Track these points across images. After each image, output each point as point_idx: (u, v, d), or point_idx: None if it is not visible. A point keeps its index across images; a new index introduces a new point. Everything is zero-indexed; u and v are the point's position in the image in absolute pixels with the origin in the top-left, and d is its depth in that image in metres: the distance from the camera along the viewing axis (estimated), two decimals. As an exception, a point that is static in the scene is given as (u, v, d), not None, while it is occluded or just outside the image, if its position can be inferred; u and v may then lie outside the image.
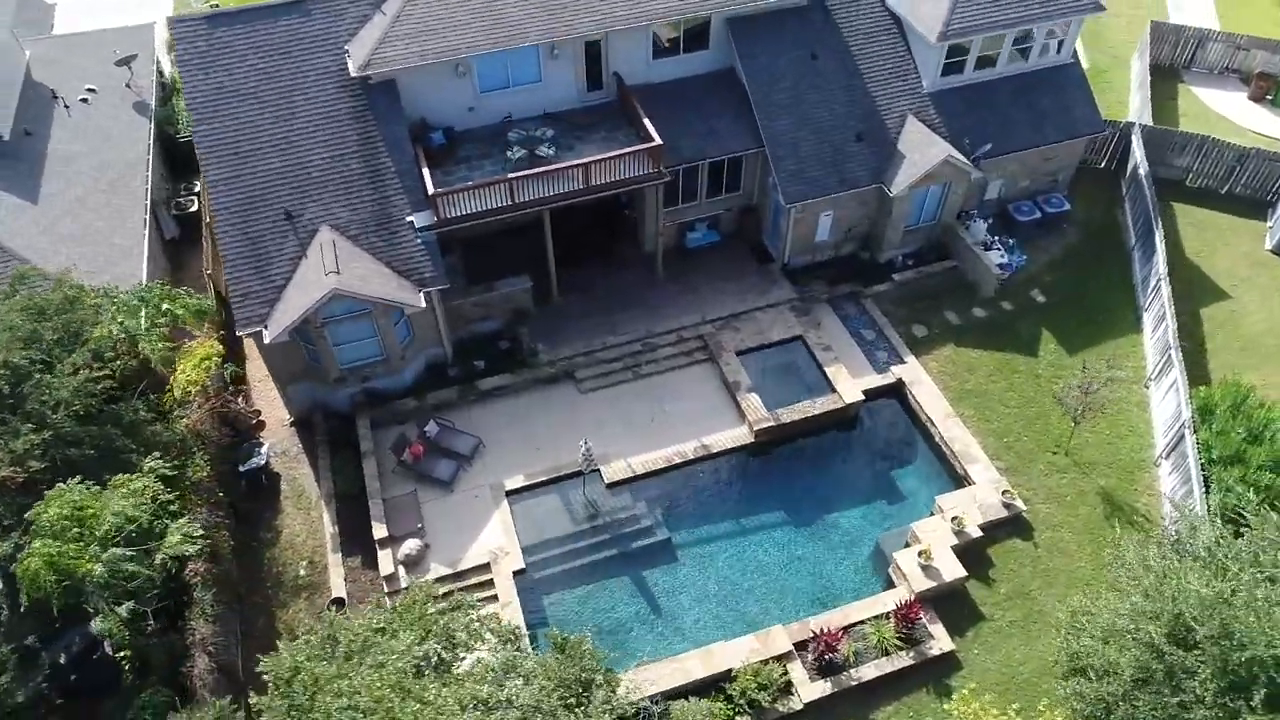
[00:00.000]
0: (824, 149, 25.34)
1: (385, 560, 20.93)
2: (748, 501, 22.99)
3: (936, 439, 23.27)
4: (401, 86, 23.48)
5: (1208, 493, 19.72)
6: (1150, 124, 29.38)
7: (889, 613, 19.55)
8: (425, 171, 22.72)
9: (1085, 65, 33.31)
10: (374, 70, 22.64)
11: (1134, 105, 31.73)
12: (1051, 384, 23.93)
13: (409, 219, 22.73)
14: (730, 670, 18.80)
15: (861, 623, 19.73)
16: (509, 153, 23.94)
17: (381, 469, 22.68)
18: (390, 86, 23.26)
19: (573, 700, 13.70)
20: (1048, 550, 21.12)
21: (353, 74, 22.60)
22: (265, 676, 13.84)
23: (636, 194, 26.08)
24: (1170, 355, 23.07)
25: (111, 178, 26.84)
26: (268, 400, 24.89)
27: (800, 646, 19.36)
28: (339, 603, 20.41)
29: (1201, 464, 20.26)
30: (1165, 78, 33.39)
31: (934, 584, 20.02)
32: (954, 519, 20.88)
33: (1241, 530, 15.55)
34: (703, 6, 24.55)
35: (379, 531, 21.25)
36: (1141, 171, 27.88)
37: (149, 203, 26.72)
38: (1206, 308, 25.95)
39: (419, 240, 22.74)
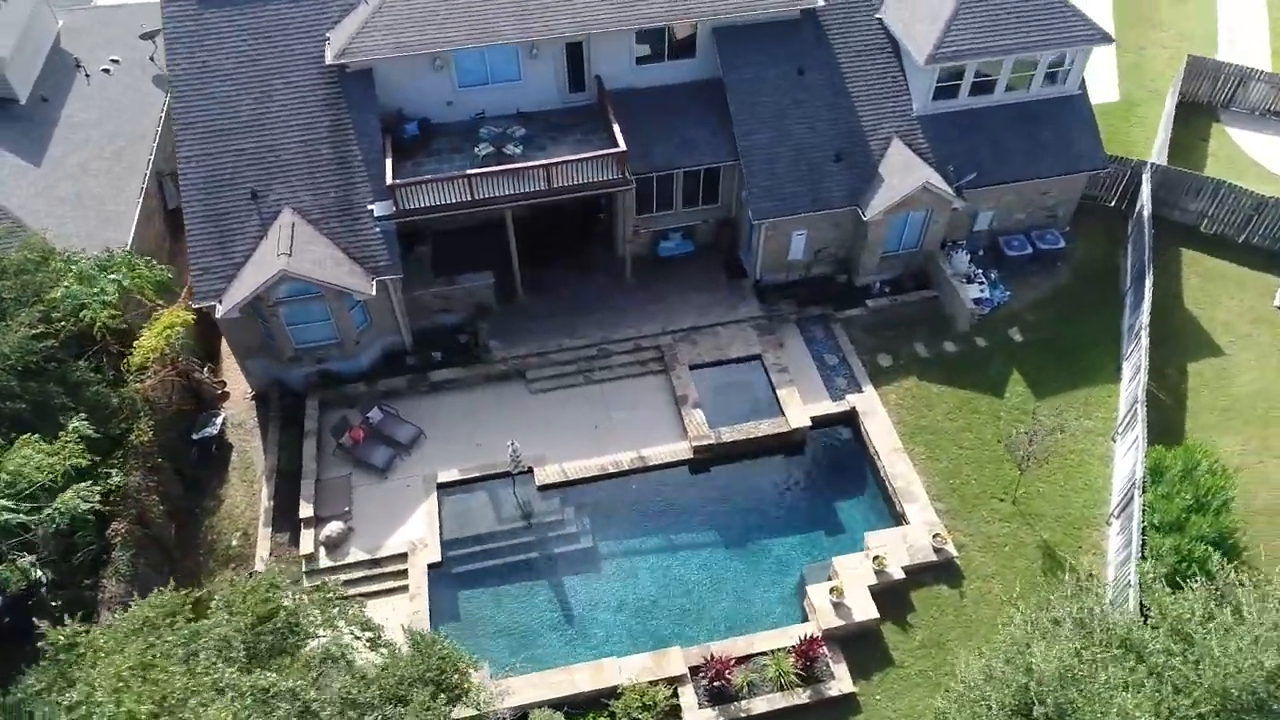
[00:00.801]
0: (800, 166, 24.79)
1: (307, 540, 21.37)
2: (680, 518, 22.68)
3: (881, 473, 22.57)
4: (379, 76, 23.86)
5: (1143, 559, 18.65)
6: (1165, 164, 27.84)
7: (792, 647, 19.05)
8: (388, 161, 23.04)
9: (1118, 98, 32.10)
10: (350, 59, 23.06)
11: (1157, 143, 30.13)
12: (1012, 427, 22.95)
13: (370, 207, 23.10)
14: (617, 687, 18.60)
15: (763, 654, 19.26)
16: (477, 149, 24.09)
17: (321, 450, 23.16)
18: (366, 76, 23.67)
19: (401, 697, 13.74)
20: (974, 601, 20.29)
21: (328, 61, 23.06)
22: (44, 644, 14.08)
23: (609, 198, 25.96)
24: (1136, 409, 21.87)
25: (117, 147, 27.95)
26: (238, 374, 25.60)
27: (695, 671, 19.04)
28: (253, 576, 20.86)
29: (1143, 528, 19.18)
30: (1200, 116, 31.62)
31: (843, 623, 19.44)
32: (875, 558, 20.22)
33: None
34: (686, 15, 24.26)
35: (305, 511, 21.70)
36: (1145, 213, 26.47)
37: (149, 172, 27.75)
38: (1196, 362, 24.51)
39: (378, 229, 23.09)
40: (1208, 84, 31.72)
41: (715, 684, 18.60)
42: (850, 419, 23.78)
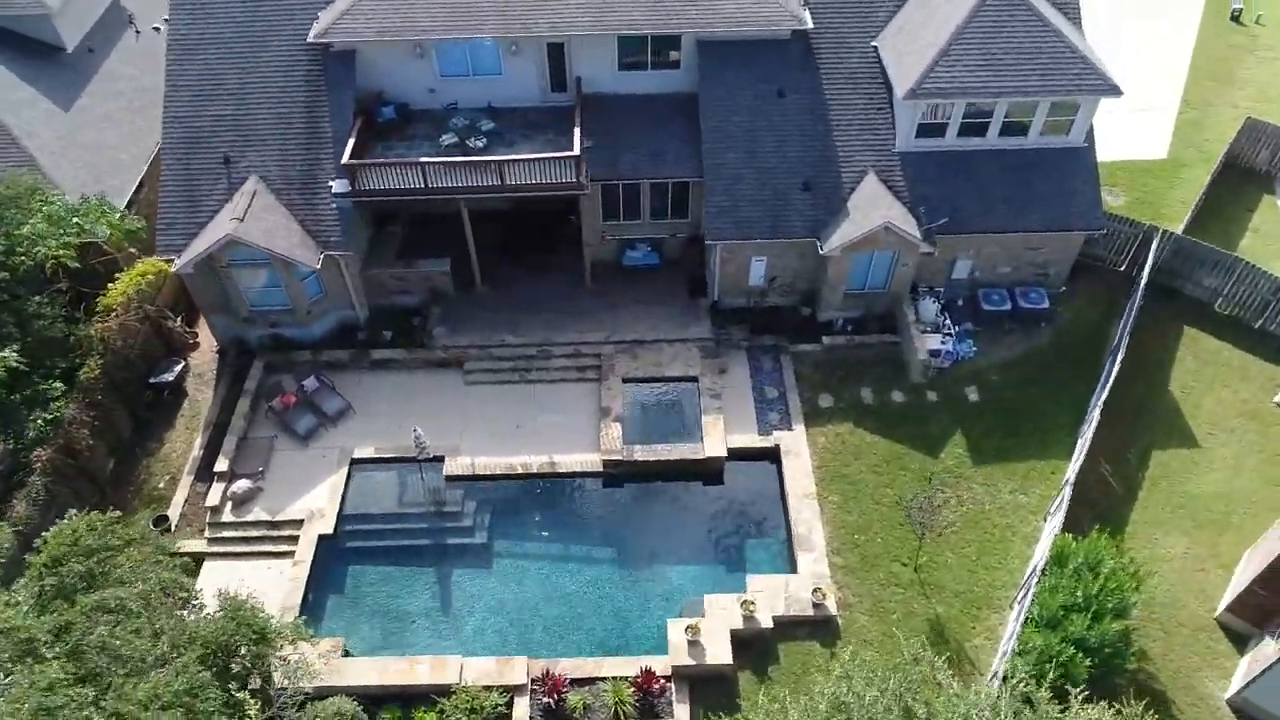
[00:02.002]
0: (765, 191, 24.07)
1: (215, 493, 22.32)
2: (581, 530, 22.51)
3: (789, 517, 21.75)
4: (363, 59, 24.55)
5: (1017, 653, 17.34)
6: (1182, 232, 25.59)
7: (633, 678, 18.65)
8: (351, 141, 23.67)
9: (1165, 156, 29.80)
10: (331, 39, 23.83)
11: (1189, 210, 27.70)
12: (937, 491, 21.67)
13: (331, 184, 23.83)
14: (451, 686, 18.67)
15: (606, 679, 18.91)
16: (441, 138, 24.48)
17: (255, 409, 24.11)
18: (349, 57, 24.39)
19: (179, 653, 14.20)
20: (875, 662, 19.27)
21: (309, 39, 23.88)
22: None
23: (577, 201, 25.89)
24: (1065, 490, 20.29)
25: (145, 101, 29.70)
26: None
27: (536, 683, 18.90)
28: (162, 519, 21.99)
29: (1024, 620, 17.80)
30: (1252, 184, 28.96)
31: (694, 662, 18.88)
32: (745, 603, 19.52)
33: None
34: (666, 25, 23.89)
35: (220, 465, 22.67)
36: (1140, 282, 24.43)
37: (171, 128, 29.42)
38: (1165, 450, 22.49)
39: (334, 205, 23.81)
40: (1266, 151, 28.97)
41: (547, 700, 18.39)
42: (773, 456, 22.97)
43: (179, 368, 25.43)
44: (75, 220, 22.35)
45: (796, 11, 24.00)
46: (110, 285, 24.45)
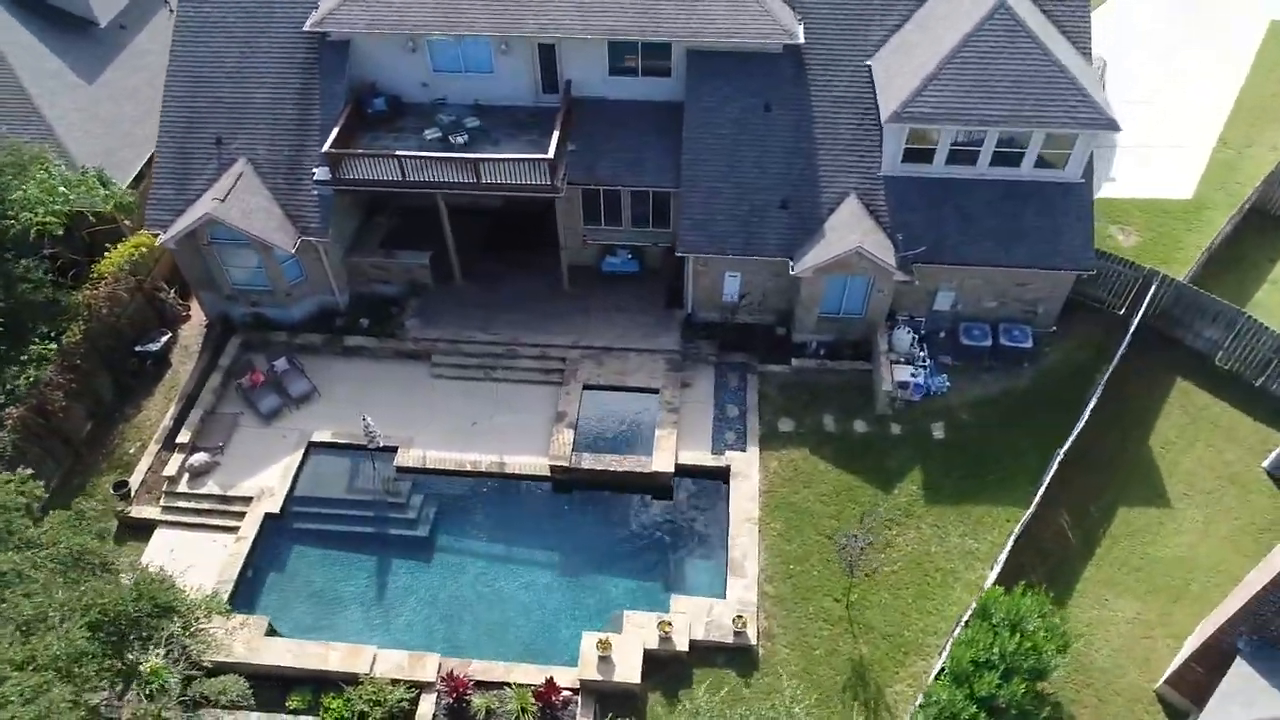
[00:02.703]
0: (741, 207, 23.66)
1: (174, 463, 22.98)
2: (524, 533, 22.50)
3: (728, 540, 21.38)
4: (358, 50, 24.93)
5: (920, 706, 16.71)
6: (1185, 280, 24.26)
7: (537, 686, 18.57)
8: (335, 130, 24.04)
9: (1190, 196, 28.37)
10: (326, 28, 24.20)
11: (1201, 254, 26.24)
12: (886, 527, 21.09)
13: (314, 170, 24.27)
14: (360, 675, 18.87)
15: (512, 685, 18.88)
16: (425, 132, 24.70)
17: (226, 385, 24.74)
18: (343, 47, 24.79)
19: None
20: (758, 695, 18.89)
21: (305, 28, 24.32)
22: None
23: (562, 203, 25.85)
24: (1008, 542, 19.46)
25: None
26: (208, 300, 27.69)
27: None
28: (122, 484, 22.73)
29: (937, 672, 17.14)
30: (1278, 232, 27.29)
31: (601, 678, 18.70)
32: (662, 623, 19.25)
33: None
34: (656, 32, 23.65)
35: (183, 436, 23.36)
36: (1131, 327, 23.27)
37: (189, 106, 30.37)
38: (1132, 508, 21.38)
39: (316, 192, 24.25)
40: (1299, 198, 27.31)
41: (450, 700, 18.45)
42: (724, 476, 22.60)
43: (165, 339, 26.24)
44: (62, 190, 23.20)
45: (789, 26, 23.50)
46: (105, 255, 25.36)
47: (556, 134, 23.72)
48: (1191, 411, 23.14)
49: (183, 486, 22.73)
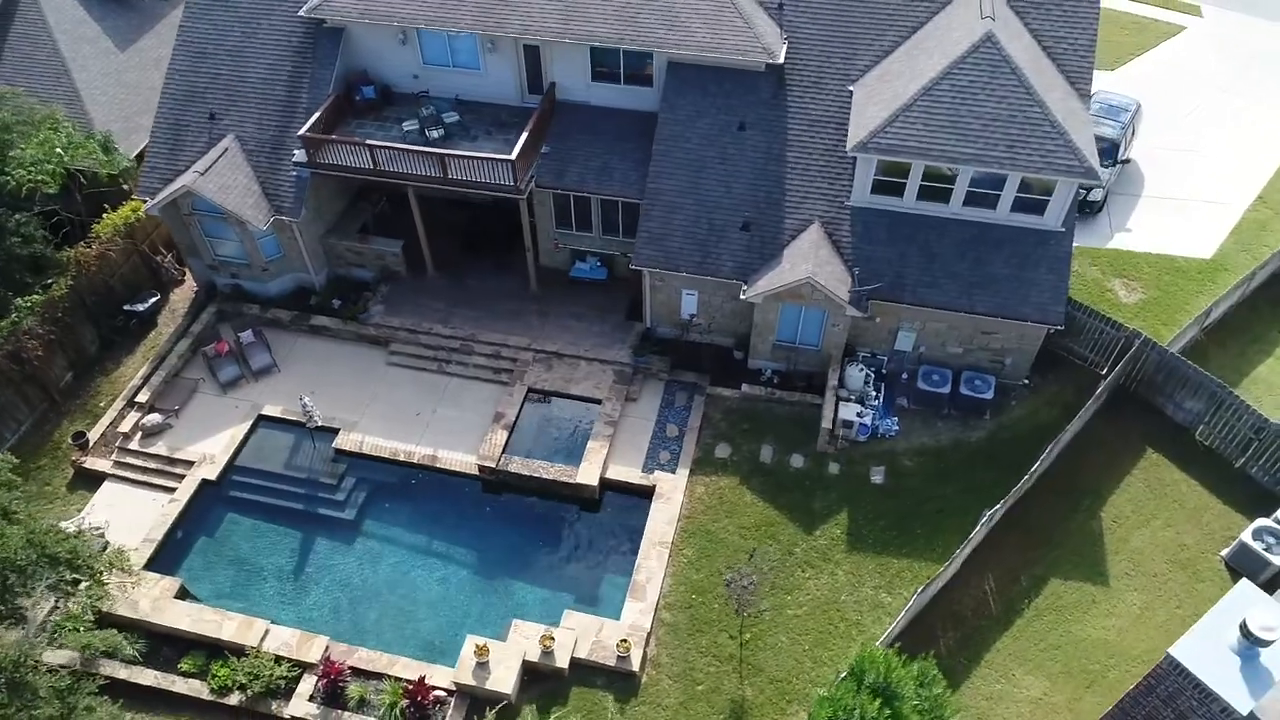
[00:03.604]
0: (700, 225, 23.21)
1: (129, 420, 23.96)
2: (447, 528, 22.61)
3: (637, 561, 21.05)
4: (353, 38, 25.47)
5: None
6: (1167, 346, 22.64)
7: (408, 683, 18.67)
8: (316, 115, 24.59)
9: (1210, 255, 26.61)
10: (321, 15, 24.81)
11: (1193, 319, 24.39)
12: (798, 569, 20.44)
13: (295, 151, 24.92)
14: (247, 647, 19.33)
15: (390, 678, 19.03)
16: (405, 123, 25.05)
17: (195, 351, 25.65)
18: (337, 35, 25.34)
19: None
20: (629, 724, 18.59)
21: (301, 13, 24.96)
22: None
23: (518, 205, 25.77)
24: (911, 600, 18.56)
25: (199, 50, 32.06)
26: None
27: (328, 666, 19.26)
28: (80, 435, 23.83)
29: (799, 725, 16.49)
30: (1299, 305, 25.28)
31: (475, 683, 18.67)
32: (544, 637, 19.09)
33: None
34: (635, 41, 23.40)
35: (141, 396, 24.32)
36: (1097, 391, 21.87)
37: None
38: (1066, 581, 20.12)
39: (294, 173, 24.89)
40: (1324, 269, 25.19)
41: (325, 685, 18.72)
42: (648, 496, 22.24)
43: (153, 300, 27.34)
44: (58, 152, 24.44)
45: (770, 45, 22.92)
46: (104, 217, 26.60)
47: (525, 135, 23.72)
48: (1156, 487, 21.62)
49: (134, 444, 23.66)
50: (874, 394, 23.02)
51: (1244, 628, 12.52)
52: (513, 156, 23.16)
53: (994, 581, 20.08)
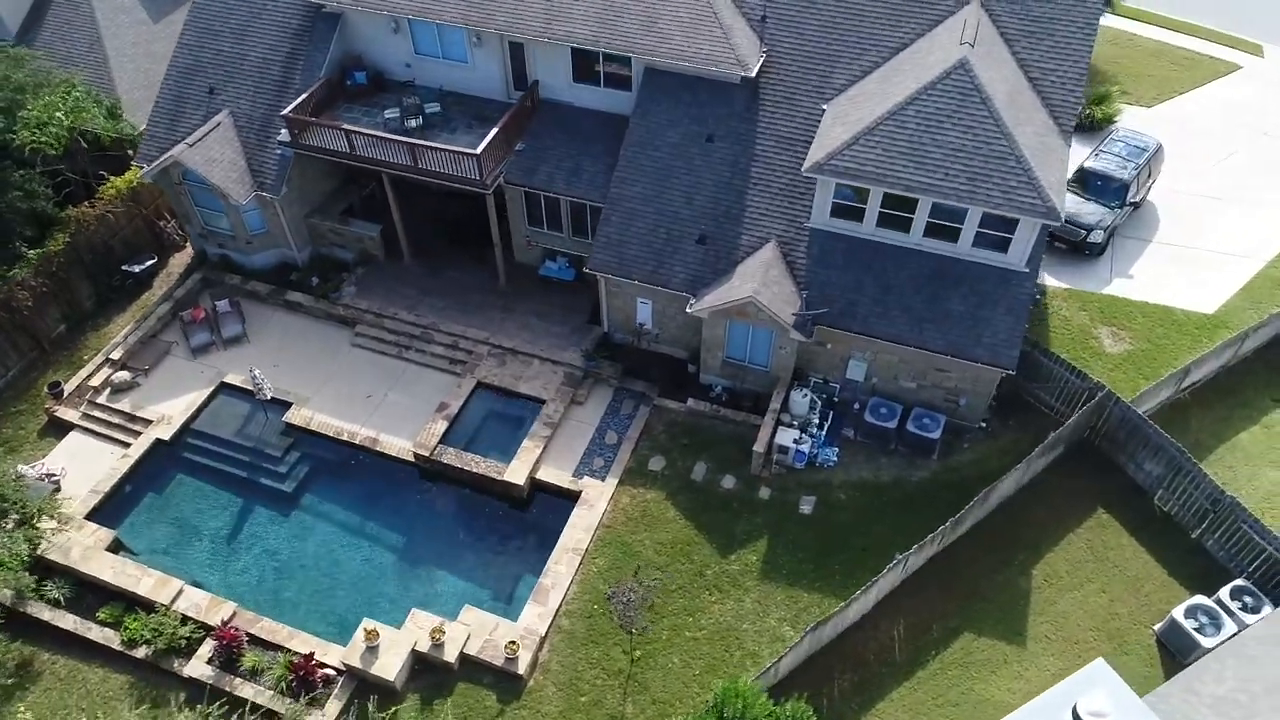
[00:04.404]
0: (658, 234, 22.97)
1: (100, 375, 25.04)
2: (380, 511, 22.95)
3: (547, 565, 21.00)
4: (348, 23, 26.06)
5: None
6: (1130, 403, 21.36)
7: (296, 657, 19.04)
8: (302, 97, 25.20)
9: (1212, 311, 25.15)
10: (320, 0, 25.49)
11: (1192, 378, 22.99)
12: (705, 591, 20.09)
13: (282, 130, 25.62)
14: (157, 604, 20.01)
15: (283, 650, 19.44)
16: (387, 111, 25.48)
17: (174, 314, 26.65)
18: (334, 19, 25.96)
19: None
20: (506, 725, 18.55)
21: (299, -3, 25.69)
22: None
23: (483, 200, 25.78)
24: (805, 638, 18.00)
25: (229, 26, 33.22)
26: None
27: (228, 631, 19.81)
28: (55, 385, 25.02)
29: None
30: (1299, 371, 23.55)
31: (361, 666, 18.92)
32: (435, 630, 19.21)
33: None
34: (610, 44, 23.29)
35: (115, 354, 25.38)
36: (1047, 440, 20.81)
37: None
38: (979, 637, 19.17)
39: (279, 151, 25.61)
40: (1331, 336, 23.41)
41: (222, 649, 19.24)
42: (575, 500, 22.15)
43: (150, 262, 28.50)
44: (59, 115, 25.68)
45: (744, 57, 22.51)
46: (108, 181, 27.85)
47: (494, 131, 23.86)
48: (1099, 550, 20.45)
49: (103, 399, 24.72)
50: (817, 421, 22.41)
51: (1075, 712, 11.77)
52: (478, 151, 23.31)
53: (905, 628, 19.33)
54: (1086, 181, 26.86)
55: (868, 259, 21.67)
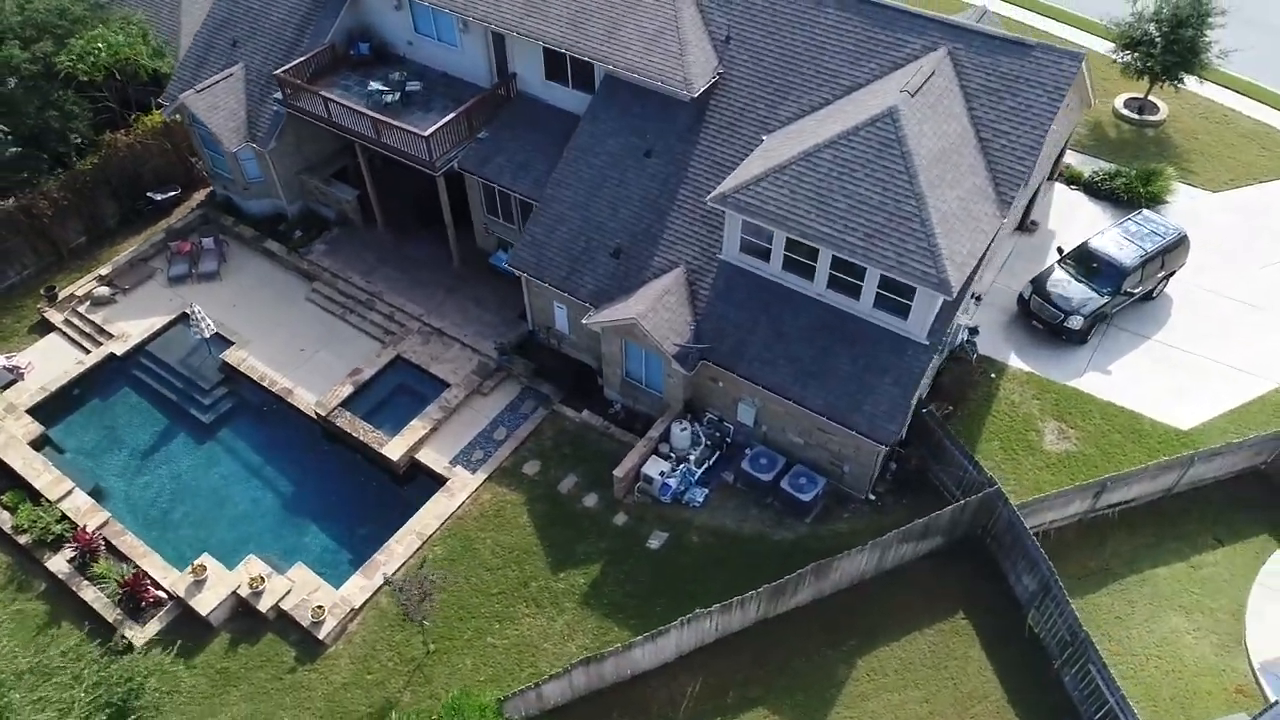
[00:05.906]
0: (578, 242, 22.79)
1: (86, 285, 27.47)
2: (281, 459, 24.02)
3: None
4: (360, -3, 27.32)
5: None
6: (1015, 508, 19.34)
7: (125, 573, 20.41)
8: (298, 60, 26.55)
9: (1188, 427, 22.62)
10: (331, -29, 26.81)
11: (1111, 497, 20.59)
12: (521, 602, 19.97)
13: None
14: (45, 499, 21.93)
15: (130, 565, 20.86)
16: (370, 84, 26.46)
17: (166, 243, 28.83)
18: (346, -10, 27.25)
19: None
20: (291, 685, 19.11)
21: (316, -35, 27.04)
22: None
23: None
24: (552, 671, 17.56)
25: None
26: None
27: (97, 538, 21.43)
28: (50, 289, 27.68)
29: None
30: (1264, 520, 20.62)
31: (183, 595, 20.04)
32: (254, 579, 20.07)
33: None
34: (574, 47, 23.22)
35: (103, 270, 27.78)
36: (911, 525, 19.21)
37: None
38: (773, 715, 18.05)
39: (276, 109, 27.17)
40: (1304, 482, 20.33)
41: (79, 552, 20.85)
42: (441, 485, 22.46)
43: (173, 193, 30.89)
44: (98, 46, 28.22)
45: (691, 76, 21.91)
46: (146, 113, 30.42)
47: (450, 116, 24.35)
48: (941, 657, 18.76)
49: (83, 309, 27.15)
50: (695, 458, 21.66)
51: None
52: (426, 134, 23.87)
53: (702, 688, 18.48)
54: (1083, 261, 24.43)
55: (767, 300, 20.70)
